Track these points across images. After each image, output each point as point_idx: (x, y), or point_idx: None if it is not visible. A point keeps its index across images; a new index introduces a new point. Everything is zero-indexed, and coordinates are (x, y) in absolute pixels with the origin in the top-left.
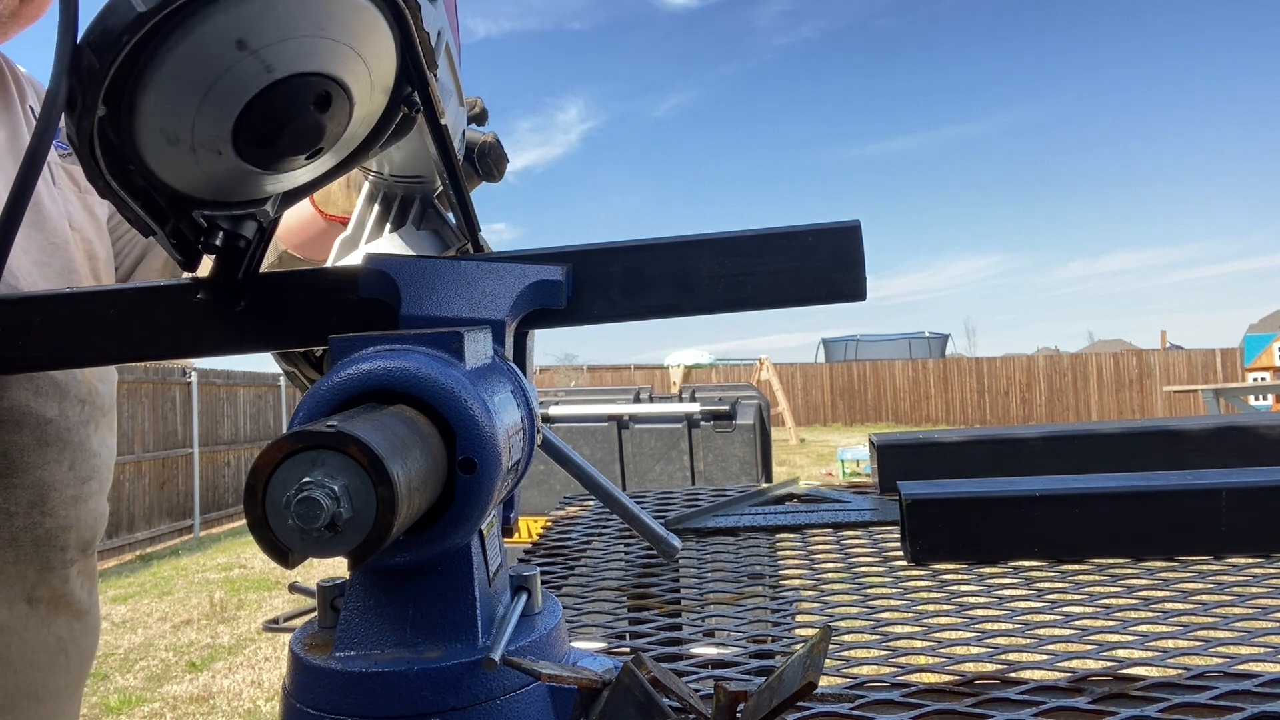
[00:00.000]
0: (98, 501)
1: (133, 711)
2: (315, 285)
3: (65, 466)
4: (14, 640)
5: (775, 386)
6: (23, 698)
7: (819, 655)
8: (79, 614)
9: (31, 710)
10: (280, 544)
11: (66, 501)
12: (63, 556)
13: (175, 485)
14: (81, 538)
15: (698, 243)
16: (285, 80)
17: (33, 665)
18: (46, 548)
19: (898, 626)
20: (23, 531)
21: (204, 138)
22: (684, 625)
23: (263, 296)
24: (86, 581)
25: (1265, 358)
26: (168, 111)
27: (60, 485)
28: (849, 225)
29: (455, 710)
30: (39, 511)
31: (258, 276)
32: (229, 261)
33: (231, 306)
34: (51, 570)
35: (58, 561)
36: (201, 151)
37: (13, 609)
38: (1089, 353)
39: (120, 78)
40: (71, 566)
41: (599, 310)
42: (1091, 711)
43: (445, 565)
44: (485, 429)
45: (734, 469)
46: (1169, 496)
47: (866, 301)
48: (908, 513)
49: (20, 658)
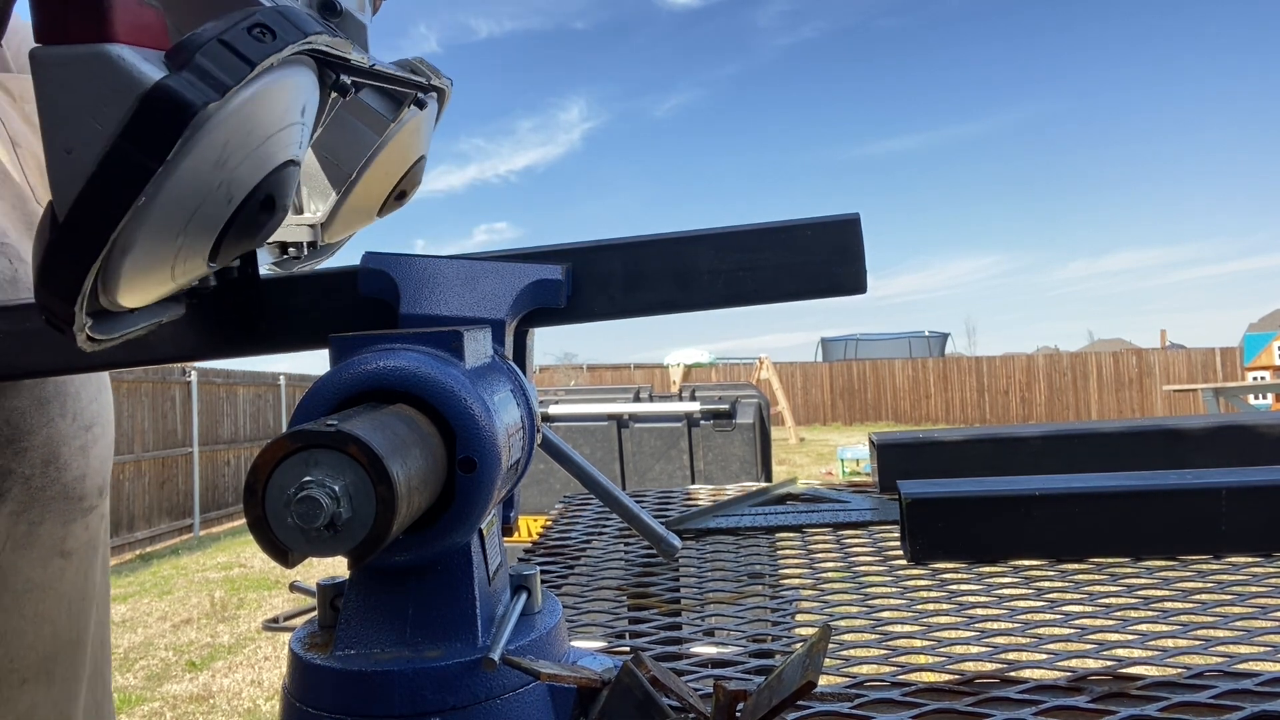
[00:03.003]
0: (103, 445)
1: (133, 711)
2: (314, 286)
3: (69, 419)
4: (50, 595)
5: (775, 386)
6: (64, 645)
7: (819, 654)
8: (103, 555)
9: (71, 656)
10: (280, 543)
11: (76, 453)
12: (82, 505)
13: (175, 484)
14: (95, 484)
15: (697, 238)
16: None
17: (69, 614)
18: (66, 501)
19: (897, 626)
20: (41, 490)
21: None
22: (684, 625)
23: (261, 299)
24: (105, 522)
25: (1265, 357)
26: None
27: (68, 438)
28: (848, 218)
29: (455, 709)
30: (54, 468)
31: (257, 280)
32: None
33: (230, 312)
34: (75, 521)
35: (78, 511)
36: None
37: (47, 566)
38: (1089, 352)
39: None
40: (92, 512)
41: (599, 307)
42: (1091, 711)
43: (445, 564)
44: (485, 428)
45: (734, 468)
46: (1169, 496)
47: (866, 300)
48: (907, 512)
49: (58, 609)
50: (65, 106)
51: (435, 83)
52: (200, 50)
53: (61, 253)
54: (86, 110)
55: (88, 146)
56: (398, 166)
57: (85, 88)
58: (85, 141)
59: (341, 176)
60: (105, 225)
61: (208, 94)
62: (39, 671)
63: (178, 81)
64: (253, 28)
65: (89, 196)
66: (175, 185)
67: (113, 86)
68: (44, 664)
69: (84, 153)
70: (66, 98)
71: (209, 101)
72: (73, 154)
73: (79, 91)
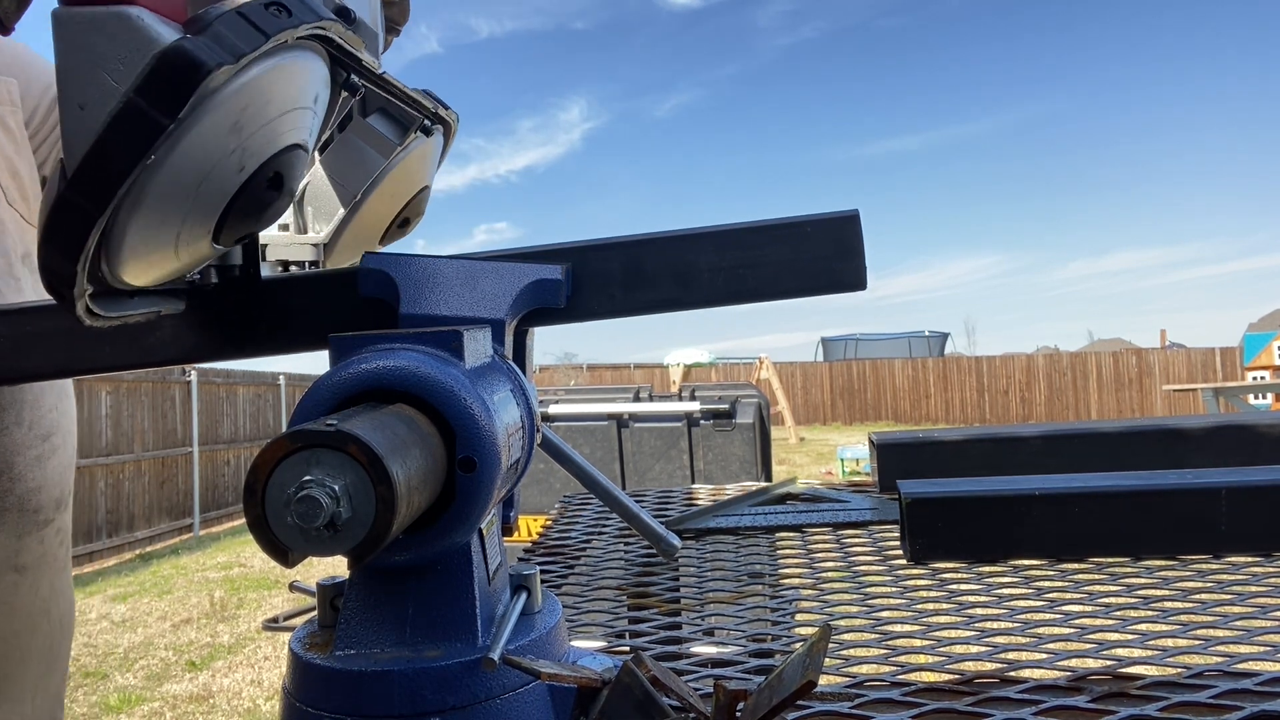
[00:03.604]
0: (62, 456)
1: (132, 710)
2: (314, 286)
3: (25, 428)
4: (2, 609)
5: (775, 385)
6: (10, 664)
7: (819, 654)
8: (59, 570)
9: (19, 673)
10: (280, 543)
11: (31, 463)
12: (37, 519)
13: (175, 484)
14: (52, 497)
15: (696, 236)
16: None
17: (16, 631)
18: (20, 513)
19: (897, 625)
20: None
21: (190, 237)
22: (684, 625)
23: (262, 300)
24: (62, 536)
25: (1265, 357)
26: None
27: (22, 448)
28: (848, 214)
29: (455, 709)
30: (7, 479)
31: (258, 280)
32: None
33: (230, 312)
34: (29, 534)
35: (33, 524)
36: (183, 250)
37: (0, 579)
38: (1088, 352)
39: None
40: (48, 526)
41: (599, 306)
42: (1091, 710)
43: (445, 564)
44: (485, 428)
45: (734, 468)
46: (1169, 495)
47: (866, 300)
48: (907, 512)
49: (7, 625)
50: (82, 64)
51: (441, 114)
52: (218, 19)
53: (68, 207)
54: (103, 67)
55: (101, 102)
56: (402, 193)
57: (104, 46)
58: (99, 98)
59: (347, 199)
60: (114, 179)
61: (222, 57)
62: None
63: (193, 44)
64: (269, 4)
65: (99, 150)
66: (186, 148)
67: (131, 46)
68: None
69: (97, 108)
70: (84, 55)
71: (222, 64)
72: (86, 109)
73: (97, 50)
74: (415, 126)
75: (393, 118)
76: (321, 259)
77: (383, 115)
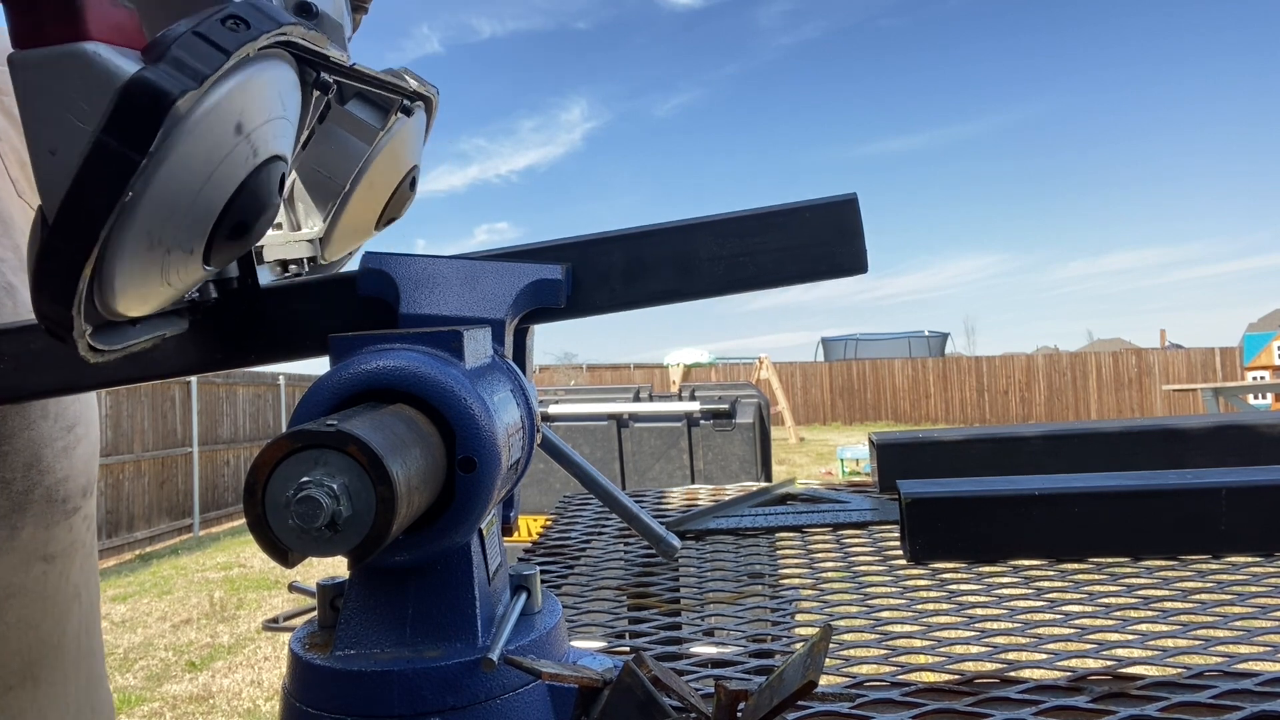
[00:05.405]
0: (87, 445)
1: (132, 711)
2: (315, 293)
3: (50, 420)
4: (33, 599)
5: (775, 385)
6: (47, 649)
7: (819, 654)
8: (87, 554)
9: (55, 659)
10: (280, 543)
11: (59, 454)
12: (65, 507)
13: (175, 484)
14: (79, 485)
15: (696, 226)
16: (264, 164)
17: (53, 617)
18: (49, 504)
19: (897, 626)
20: (23, 495)
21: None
22: (684, 625)
23: (263, 310)
24: (89, 521)
25: (1264, 356)
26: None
27: (49, 440)
28: (846, 198)
29: (455, 710)
30: (36, 471)
31: (258, 291)
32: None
33: (231, 325)
34: (58, 524)
35: (61, 513)
36: (173, 260)
37: (29, 570)
38: (1088, 351)
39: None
40: (76, 514)
41: (600, 300)
42: (1091, 710)
43: (445, 564)
44: (485, 428)
45: (734, 468)
46: (1169, 496)
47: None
48: (907, 512)
49: (42, 613)
50: (46, 108)
51: (420, 90)
52: (175, 43)
53: (54, 254)
54: (67, 109)
55: (71, 145)
56: (391, 177)
57: (64, 87)
58: (68, 140)
59: (336, 190)
60: (94, 223)
61: (185, 83)
62: (24, 678)
63: (154, 73)
64: (226, 19)
65: (75, 195)
66: (163, 179)
67: (90, 83)
68: (28, 669)
69: (67, 152)
70: (46, 99)
71: (186, 90)
72: (57, 154)
73: (58, 91)
74: (395, 108)
75: (372, 102)
76: (319, 253)
77: (361, 100)
